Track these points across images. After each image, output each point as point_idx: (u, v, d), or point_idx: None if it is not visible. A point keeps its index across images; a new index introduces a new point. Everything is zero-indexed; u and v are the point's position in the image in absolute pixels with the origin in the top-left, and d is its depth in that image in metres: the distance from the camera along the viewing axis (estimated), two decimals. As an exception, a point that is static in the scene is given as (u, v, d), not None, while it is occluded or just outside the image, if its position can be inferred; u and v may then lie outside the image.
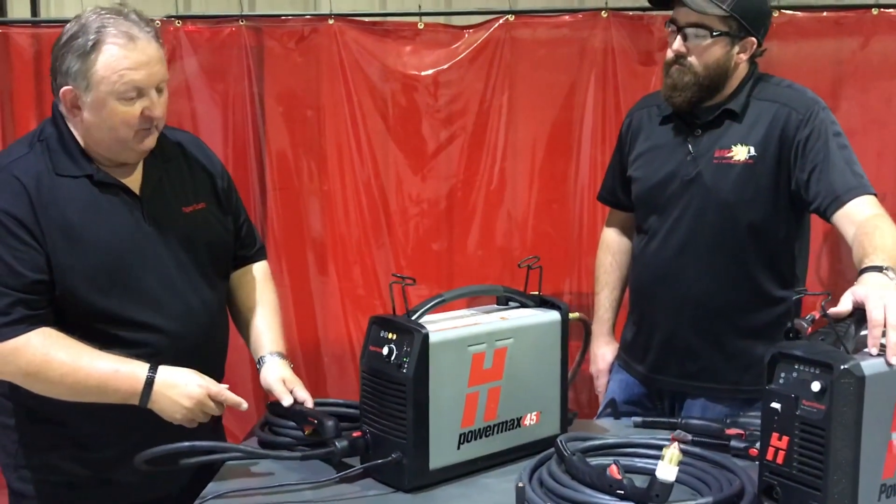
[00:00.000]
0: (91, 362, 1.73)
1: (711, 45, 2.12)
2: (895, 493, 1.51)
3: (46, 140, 1.83)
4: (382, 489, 1.72)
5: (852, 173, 2.03)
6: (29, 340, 1.72)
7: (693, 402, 2.21)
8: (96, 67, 1.73)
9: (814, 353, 1.48)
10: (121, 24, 1.75)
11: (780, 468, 1.50)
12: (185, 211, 1.92)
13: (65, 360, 1.72)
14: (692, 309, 2.19)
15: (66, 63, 1.76)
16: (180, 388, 1.75)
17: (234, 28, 3.17)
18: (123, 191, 1.85)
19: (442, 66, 3.21)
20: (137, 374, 1.74)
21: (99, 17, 1.76)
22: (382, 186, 3.29)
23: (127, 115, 1.76)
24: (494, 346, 1.78)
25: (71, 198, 1.79)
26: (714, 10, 2.09)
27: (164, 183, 1.91)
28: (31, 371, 1.73)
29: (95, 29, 1.74)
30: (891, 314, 1.49)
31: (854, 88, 3.18)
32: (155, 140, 1.85)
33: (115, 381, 1.73)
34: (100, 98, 1.75)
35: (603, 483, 1.55)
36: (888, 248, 1.76)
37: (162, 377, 1.75)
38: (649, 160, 2.29)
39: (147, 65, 1.76)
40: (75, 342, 1.74)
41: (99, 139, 1.81)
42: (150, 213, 1.86)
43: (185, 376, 1.77)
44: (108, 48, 1.73)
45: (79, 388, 1.73)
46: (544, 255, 3.19)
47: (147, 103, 1.78)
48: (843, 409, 1.42)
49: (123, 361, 1.75)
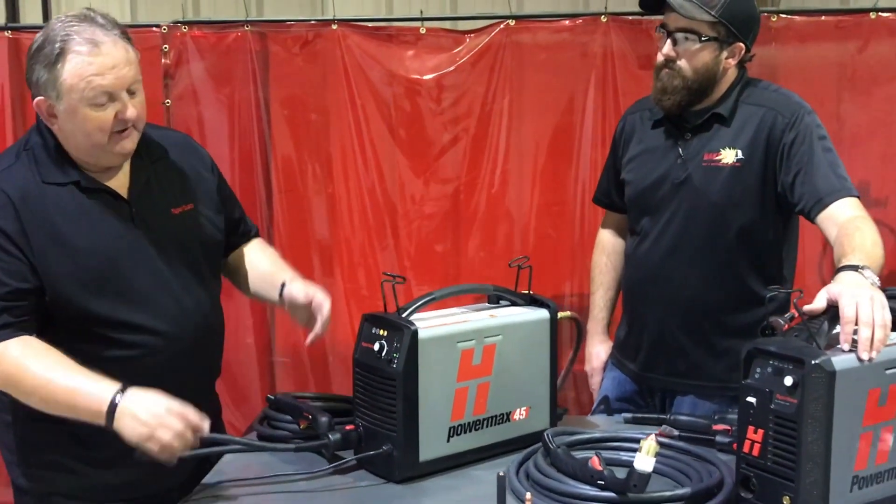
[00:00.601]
0: (63, 377, 1.71)
1: (700, 49, 2.16)
2: (867, 484, 1.56)
3: (32, 149, 1.85)
4: (374, 480, 1.77)
5: (836, 176, 2.07)
6: (7, 349, 1.73)
7: (683, 399, 2.26)
8: (64, 76, 1.74)
9: (787, 349, 1.52)
10: (85, 30, 1.74)
11: (756, 460, 1.54)
12: (174, 212, 1.94)
13: (37, 373, 1.71)
14: (681, 308, 2.24)
15: (35, 74, 1.77)
16: (141, 405, 1.67)
17: (240, 33, 3.22)
18: (110, 195, 1.86)
19: (444, 71, 3.25)
20: (104, 395, 1.68)
21: (64, 25, 1.76)
22: (386, 189, 3.33)
23: (100, 120, 1.77)
24: (483, 342, 1.83)
25: (59, 206, 1.80)
26: (703, 15, 2.13)
27: (151, 184, 1.92)
28: (7, 380, 1.74)
29: (60, 38, 1.74)
30: (863, 311, 1.53)
31: (853, 92, 3.21)
32: (135, 141, 1.85)
33: (83, 399, 1.69)
34: (71, 106, 1.76)
35: (585, 474, 1.60)
36: (867, 248, 1.80)
37: (127, 399, 1.68)
38: (641, 163, 2.34)
39: (114, 68, 1.75)
40: (54, 354, 1.74)
41: (77, 145, 1.82)
42: (138, 216, 1.88)
43: (150, 397, 1.69)
44: (73, 56, 1.73)
45: (49, 401, 1.72)
46: (545, 257, 3.29)
47: (119, 106, 1.77)
48: (814, 403, 1.47)
49: (95, 380, 1.70)
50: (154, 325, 1.86)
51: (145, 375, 1.75)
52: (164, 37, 3.19)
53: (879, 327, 1.53)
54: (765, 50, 3.12)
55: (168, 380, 1.77)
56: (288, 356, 3.44)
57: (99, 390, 1.69)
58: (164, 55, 3.19)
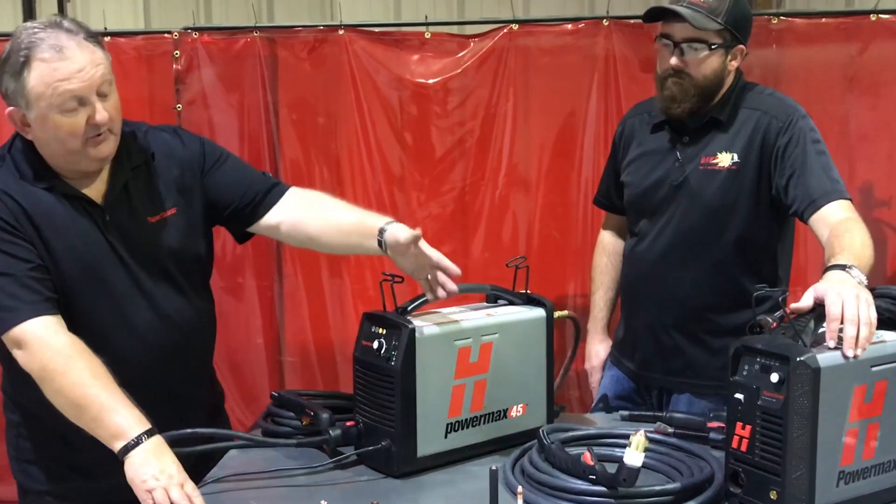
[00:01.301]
0: (100, 391, 1.66)
1: (708, 56, 2.20)
2: (854, 479, 1.59)
3: (13, 154, 1.85)
4: (373, 475, 1.82)
5: (828, 179, 2.10)
6: (57, 337, 1.72)
7: (679, 397, 2.30)
8: (31, 84, 1.73)
9: (773, 346, 1.56)
10: (49, 36, 1.73)
11: (744, 455, 1.58)
12: (150, 221, 1.90)
13: (77, 376, 1.67)
14: (677, 308, 2.28)
15: (4, 84, 1.77)
16: (160, 460, 1.63)
17: (249, 39, 3.29)
18: (86, 202, 1.84)
19: (449, 74, 3.31)
20: (131, 428, 1.64)
21: (28, 33, 1.75)
22: (393, 191, 3.39)
23: (71, 125, 1.75)
24: (480, 340, 1.87)
25: (40, 209, 1.81)
26: (712, 24, 2.16)
27: (129, 191, 1.89)
28: (43, 369, 1.70)
29: (24, 46, 1.73)
30: (848, 309, 1.57)
31: (855, 93, 3.23)
32: (112, 146, 1.83)
33: (110, 420, 1.65)
34: (41, 114, 1.75)
35: (577, 469, 1.64)
36: (855, 248, 1.84)
37: (150, 445, 1.64)
38: (640, 166, 2.38)
39: (80, 72, 1.73)
40: (96, 361, 1.70)
41: (53, 153, 1.81)
42: (112, 223, 1.86)
43: (170, 456, 1.65)
44: (38, 63, 1.72)
45: (77, 406, 1.68)
46: (549, 258, 3.33)
47: (90, 111, 1.75)
48: (799, 399, 1.50)
49: (128, 407, 1.66)
50: (124, 333, 1.86)
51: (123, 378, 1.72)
52: (176, 43, 3.26)
53: (865, 325, 1.56)
54: (766, 52, 3.16)
55: (147, 383, 1.77)
56: (296, 356, 3.50)
57: (129, 421, 1.64)
58: (176, 61, 3.26)
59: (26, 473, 1.96)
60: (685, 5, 2.17)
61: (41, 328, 1.72)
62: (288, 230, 2.01)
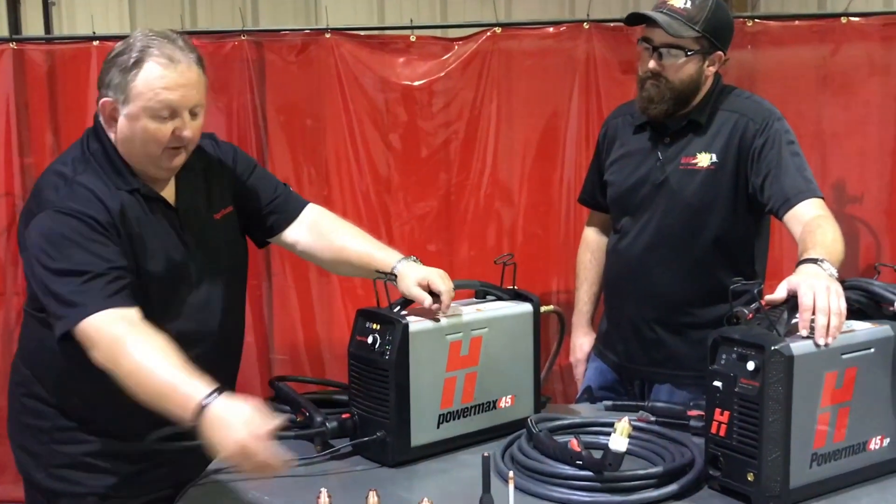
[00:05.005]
0: (164, 368, 1.67)
1: (685, 62, 2.27)
2: (826, 461, 1.68)
3: (93, 155, 1.90)
4: (368, 465, 1.89)
5: (802, 178, 2.19)
6: (128, 315, 1.74)
7: (660, 387, 2.38)
8: (135, 82, 1.82)
9: (749, 336, 1.65)
10: (165, 46, 1.83)
11: (723, 440, 1.67)
12: (215, 218, 2.03)
13: (139, 357, 1.68)
14: (658, 302, 2.36)
15: (108, 76, 1.85)
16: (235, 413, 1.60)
17: (237, 42, 3.35)
18: (164, 204, 1.94)
19: (434, 77, 3.38)
20: (196, 393, 1.62)
21: (146, 37, 1.85)
22: (380, 191, 3.46)
23: (158, 132, 1.84)
24: (470, 335, 1.95)
25: (129, 211, 1.87)
26: (688, 32, 2.24)
27: (196, 192, 2.00)
28: (109, 354, 1.70)
29: (139, 48, 1.83)
30: (819, 300, 1.65)
31: (828, 93, 3.33)
32: (184, 160, 1.92)
33: (177, 393, 1.64)
34: (134, 113, 1.83)
35: (564, 455, 1.72)
36: (827, 243, 1.92)
37: (219, 403, 1.61)
38: (623, 166, 2.46)
39: (183, 87, 1.83)
40: (160, 338, 1.71)
41: (131, 151, 1.89)
42: (186, 223, 1.96)
43: (243, 406, 1.62)
44: (149, 66, 1.81)
45: (144, 386, 1.68)
46: (533, 256, 3.41)
47: (178, 124, 1.85)
48: (774, 386, 1.59)
49: (191, 377, 1.65)
50: (193, 323, 1.94)
51: None
52: (164, 47, 3.30)
53: (835, 315, 1.64)
54: (742, 54, 3.25)
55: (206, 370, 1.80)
56: (286, 353, 3.55)
57: (196, 389, 1.63)
58: (164, 65, 3.29)
59: (62, 478, 1.96)
60: (664, 12, 2.25)
61: (103, 321, 1.72)
62: (303, 252, 2.17)
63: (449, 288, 1.92)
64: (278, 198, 2.15)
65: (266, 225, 2.15)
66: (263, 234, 2.18)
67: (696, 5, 2.24)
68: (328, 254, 2.14)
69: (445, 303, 1.91)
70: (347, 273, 2.24)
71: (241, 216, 2.12)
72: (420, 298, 1.91)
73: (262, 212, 2.14)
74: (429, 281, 1.92)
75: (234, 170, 2.11)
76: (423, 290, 1.91)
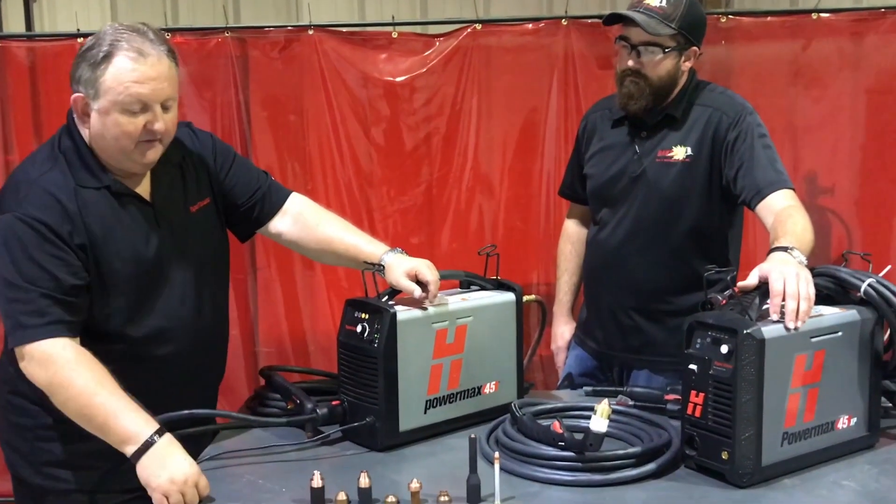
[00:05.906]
0: (105, 397, 1.73)
1: (663, 59, 2.34)
2: (797, 440, 1.76)
3: (65, 153, 1.90)
4: (358, 449, 1.95)
5: (774, 170, 2.27)
6: (63, 352, 1.77)
7: (638, 373, 2.46)
8: (105, 77, 1.80)
9: (723, 320, 1.72)
10: (134, 39, 1.81)
11: (698, 421, 1.74)
12: (192, 211, 2.01)
13: (82, 385, 1.73)
14: (636, 291, 2.44)
15: (79, 71, 1.83)
16: (173, 460, 1.70)
17: (220, 39, 3.39)
18: (137, 199, 1.93)
19: (415, 73, 3.44)
20: (141, 431, 1.71)
21: (115, 31, 1.83)
22: (363, 185, 3.52)
23: (129, 126, 1.82)
24: (456, 323, 2.01)
25: (94, 210, 1.87)
26: (665, 30, 2.31)
27: (172, 186, 1.99)
28: (51, 384, 1.77)
29: (109, 42, 1.81)
30: (789, 285, 1.73)
31: (800, 87, 3.43)
32: (159, 153, 1.90)
33: (117, 425, 1.72)
34: (105, 107, 1.82)
35: (547, 437, 1.79)
36: (797, 232, 2.00)
37: (162, 445, 1.71)
38: (601, 159, 2.53)
39: (154, 80, 1.81)
40: (100, 369, 1.76)
41: (104, 147, 1.87)
42: (162, 218, 1.95)
43: (182, 456, 1.71)
44: (118, 60, 1.80)
45: (84, 415, 1.75)
46: (514, 247, 3.49)
47: (150, 117, 1.83)
48: (747, 368, 1.66)
49: (135, 410, 1.73)
50: (176, 320, 1.96)
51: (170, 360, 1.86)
52: (148, 43, 3.33)
53: (804, 300, 1.72)
54: (716, 49, 3.34)
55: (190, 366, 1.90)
56: (271, 346, 3.61)
57: (137, 424, 1.71)
58: (148, 61, 3.32)
59: (48, 475, 1.97)
60: (641, 11, 2.32)
61: (50, 347, 1.78)
62: (287, 242, 2.19)
63: (436, 278, 1.98)
64: (260, 189, 2.14)
65: (249, 217, 2.15)
66: (247, 225, 2.17)
67: (671, 3, 2.31)
68: (314, 245, 2.16)
69: (433, 292, 1.97)
70: (332, 262, 2.27)
71: (223, 209, 2.12)
72: (409, 289, 1.96)
73: (244, 205, 2.13)
74: (416, 271, 1.97)
75: (213, 161, 2.09)
76: (411, 281, 1.97)
